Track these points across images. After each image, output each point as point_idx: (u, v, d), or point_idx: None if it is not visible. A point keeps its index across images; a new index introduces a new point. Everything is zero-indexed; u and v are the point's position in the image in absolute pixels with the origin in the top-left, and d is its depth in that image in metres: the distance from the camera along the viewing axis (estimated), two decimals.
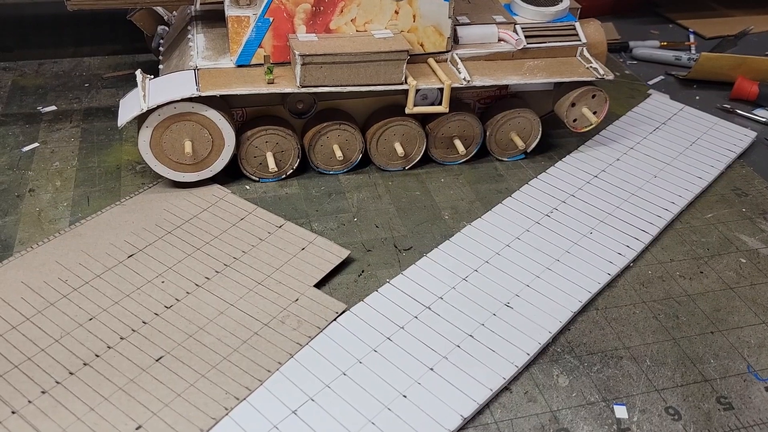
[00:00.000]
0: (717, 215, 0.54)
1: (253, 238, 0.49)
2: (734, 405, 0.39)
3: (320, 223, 0.52)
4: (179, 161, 0.52)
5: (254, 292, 0.45)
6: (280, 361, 0.40)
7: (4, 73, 0.70)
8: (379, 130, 0.56)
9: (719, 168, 0.59)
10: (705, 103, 0.70)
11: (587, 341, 0.43)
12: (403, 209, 0.54)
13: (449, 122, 0.56)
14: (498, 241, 0.50)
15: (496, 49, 0.56)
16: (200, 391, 0.38)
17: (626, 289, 0.47)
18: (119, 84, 0.69)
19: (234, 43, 0.52)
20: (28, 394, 0.37)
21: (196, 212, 0.51)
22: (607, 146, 0.61)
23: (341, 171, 0.57)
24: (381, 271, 0.48)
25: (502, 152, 0.60)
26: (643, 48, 0.79)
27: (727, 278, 0.48)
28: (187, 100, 0.50)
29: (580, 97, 0.57)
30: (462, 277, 0.47)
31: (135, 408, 0.37)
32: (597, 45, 0.59)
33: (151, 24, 0.64)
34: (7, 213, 0.51)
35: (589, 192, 0.55)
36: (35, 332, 0.41)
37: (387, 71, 0.52)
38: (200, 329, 0.42)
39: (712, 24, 0.88)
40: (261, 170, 0.55)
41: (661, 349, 0.43)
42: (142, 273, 0.46)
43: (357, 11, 0.52)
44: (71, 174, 0.56)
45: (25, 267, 0.46)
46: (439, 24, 0.53)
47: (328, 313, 0.43)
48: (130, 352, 0.40)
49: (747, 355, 0.43)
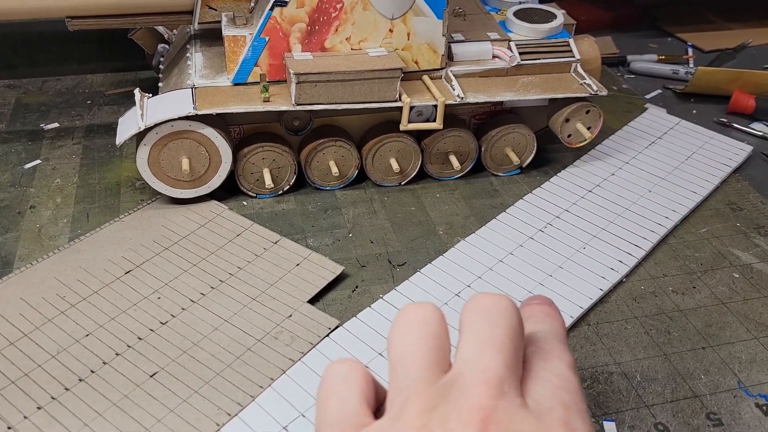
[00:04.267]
0: (711, 230, 0.55)
1: (248, 254, 0.50)
2: (724, 421, 0.39)
3: (316, 238, 0.52)
4: (177, 178, 0.53)
5: (249, 308, 0.45)
6: (273, 377, 0.41)
7: (8, 91, 0.71)
8: (374, 147, 0.56)
9: (714, 182, 0.59)
10: (702, 117, 0.70)
11: (578, 357, 0.43)
12: (398, 225, 0.54)
13: (444, 138, 0.57)
14: (492, 256, 0.50)
15: (491, 66, 0.57)
16: (193, 406, 0.39)
17: (618, 305, 0.47)
18: (121, 101, 0.70)
19: (231, 62, 0.53)
20: (24, 409, 0.38)
21: (194, 228, 0.52)
22: (602, 161, 0.62)
23: (337, 187, 0.58)
24: (375, 286, 0.48)
25: (497, 167, 0.60)
26: (641, 62, 0.80)
27: (719, 293, 0.49)
28: (184, 118, 0.50)
29: (574, 112, 0.57)
30: (455, 293, 0.47)
31: (129, 424, 0.38)
32: (591, 61, 0.60)
33: (151, 42, 0.65)
34: (8, 229, 0.52)
35: (583, 207, 0.56)
36: (32, 348, 0.42)
37: (381, 89, 0.52)
38: (195, 345, 0.43)
39: (711, 37, 0.88)
40: (258, 186, 0.56)
41: (651, 364, 0.43)
42: (139, 289, 0.46)
43: (352, 30, 0.52)
44: (72, 191, 0.56)
45: (25, 283, 0.46)
46: (433, 42, 0.54)
47: (321, 329, 0.44)
48: (125, 367, 0.41)
49: (738, 370, 0.43)
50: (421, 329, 0.26)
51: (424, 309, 0.27)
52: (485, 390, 0.24)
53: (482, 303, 0.27)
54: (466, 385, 0.24)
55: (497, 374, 0.24)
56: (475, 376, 0.24)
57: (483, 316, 0.26)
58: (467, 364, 0.25)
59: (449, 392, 0.24)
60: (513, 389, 0.24)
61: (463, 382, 0.24)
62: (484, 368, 0.24)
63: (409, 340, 0.26)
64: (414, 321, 0.27)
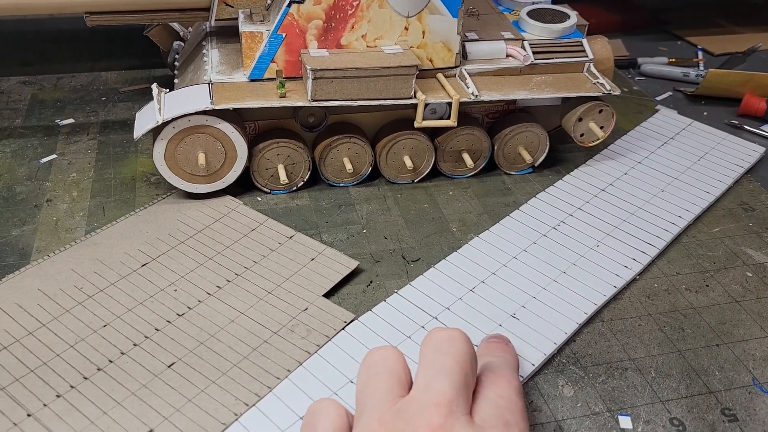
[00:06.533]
0: (724, 229, 0.55)
1: (263, 249, 0.50)
2: (739, 417, 0.40)
3: (330, 234, 0.53)
4: (193, 173, 0.53)
5: (264, 301, 0.46)
6: (289, 368, 0.41)
7: (23, 87, 0.72)
8: (388, 144, 0.57)
9: (727, 183, 0.59)
10: (713, 119, 0.71)
11: (592, 352, 0.43)
12: (411, 221, 0.54)
13: (458, 136, 0.57)
14: (505, 253, 0.50)
15: (505, 65, 0.57)
16: (211, 396, 0.39)
17: (632, 302, 0.48)
18: (135, 98, 0.70)
19: (247, 58, 0.53)
20: (44, 397, 0.38)
21: (209, 223, 0.52)
22: (614, 160, 0.62)
23: (351, 183, 0.58)
24: (389, 281, 0.48)
25: (509, 166, 0.60)
26: (652, 64, 0.80)
27: (732, 292, 0.49)
28: (201, 113, 0.51)
29: (587, 112, 0.58)
30: (469, 288, 0.47)
31: (147, 412, 0.38)
32: (604, 61, 0.60)
33: (167, 39, 0.65)
34: (25, 222, 0.52)
35: (596, 205, 0.56)
36: (51, 338, 0.42)
37: (396, 86, 0.53)
38: (211, 337, 0.43)
39: (721, 41, 0.88)
40: (272, 182, 0.56)
41: (666, 361, 0.43)
42: (155, 282, 0.47)
43: (367, 27, 0.53)
44: (87, 185, 0.57)
45: (42, 275, 0.47)
46: (448, 40, 0.54)
47: (336, 322, 0.44)
48: (143, 358, 0.41)
49: (752, 367, 0.43)
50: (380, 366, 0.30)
51: (384, 350, 0.32)
52: (435, 410, 0.27)
53: (436, 336, 0.31)
54: (419, 406, 0.28)
55: (446, 397, 0.28)
56: (427, 398, 0.28)
57: (435, 348, 0.31)
58: (420, 389, 0.29)
59: (404, 414, 0.28)
60: (461, 408, 0.28)
61: (417, 404, 0.28)
62: (435, 392, 0.28)
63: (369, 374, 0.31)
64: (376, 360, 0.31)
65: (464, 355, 0.30)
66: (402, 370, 0.31)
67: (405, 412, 0.28)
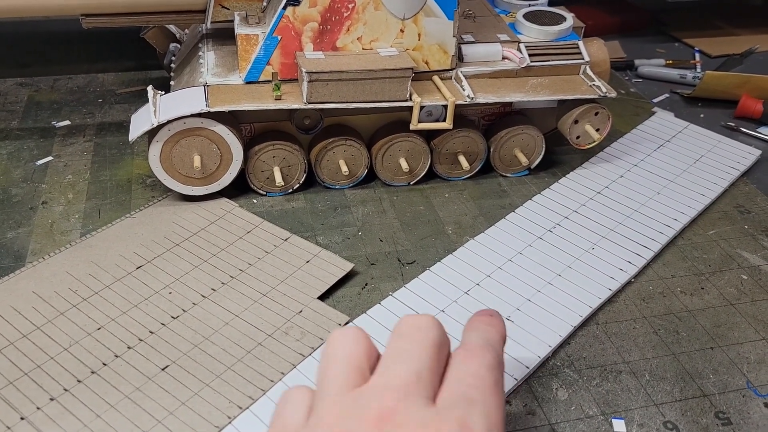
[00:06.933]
0: (719, 232, 0.55)
1: (259, 251, 0.50)
2: (732, 420, 0.40)
3: (325, 236, 0.53)
4: (188, 175, 0.53)
5: (259, 304, 0.46)
6: (283, 371, 0.41)
7: (20, 89, 0.72)
8: (384, 146, 0.57)
9: (722, 185, 0.59)
10: (710, 121, 0.71)
11: (587, 355, 0.43)
12: (407, 224, 0.54)
13: (454, 138, 0.57)
14: (500, 255, 0.50)
15: (500, 67, 0.57)
16: (204, 399, 0.39)
17: (627, 305, 0.48)
18: (132, 100, 0.70)
19: (243, 61, 0.53)
20: (37, 400, 0.38)
21: (204, 225, 0.52)
22: (610, 163, 0.62)
23: (347, 186, 0.58)
24: (384, 284, 0.48)
25: (505, 168, 0.60)
26: (648, 66, 0.80)
27: (728, 294, 0.49)
28: (196, 115, 0.51)
29: (582, 114, 0.58)
30: (464, 291, 0.47)
31: (141, 415, 0.38)
32: (600, 63, 0.60)
33: (163, 41, 0.65)
34: (21, 224, 0.52)
35: (591, 208, 0.56)
36: (45, 341, 0.42)
37: (392, 88, 0.53)
38: (206, 339, 0.43)
39: (718, 43, 0.88)
40: (268, 184, 0.56)
41: (660, 364, 0.43)
42: (150, 284, 0.47)
43: (363, 30, 0.53)
44: (83, 187, 0.57)
45: (37, 277, 0.47)
46: (444, 42, 0.54)
47: (331, 324, 0.44)
48: (137, 361, 0.41)
49: (746, 371, 0.43)
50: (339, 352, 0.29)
51: (343, 336, 0.30)
52: (388, 394, 0.27)
53: (403, 322, 0.30)
54: (374, 392, 0.27)
55: (401, 380, 0.27)
56: (382, 383, 0.28)
57: (399, 333, 0.30)
58: (378, 375, 0.28)
59: (359, 400, 0.27)
60: (422, 392, 0.27)
61: (372, 390, 0.27)
62: (391, 375, 0.28)
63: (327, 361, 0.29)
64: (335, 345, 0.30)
65: (429, 340, 0.29)
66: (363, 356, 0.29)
67: (360, 398, 0.27)
